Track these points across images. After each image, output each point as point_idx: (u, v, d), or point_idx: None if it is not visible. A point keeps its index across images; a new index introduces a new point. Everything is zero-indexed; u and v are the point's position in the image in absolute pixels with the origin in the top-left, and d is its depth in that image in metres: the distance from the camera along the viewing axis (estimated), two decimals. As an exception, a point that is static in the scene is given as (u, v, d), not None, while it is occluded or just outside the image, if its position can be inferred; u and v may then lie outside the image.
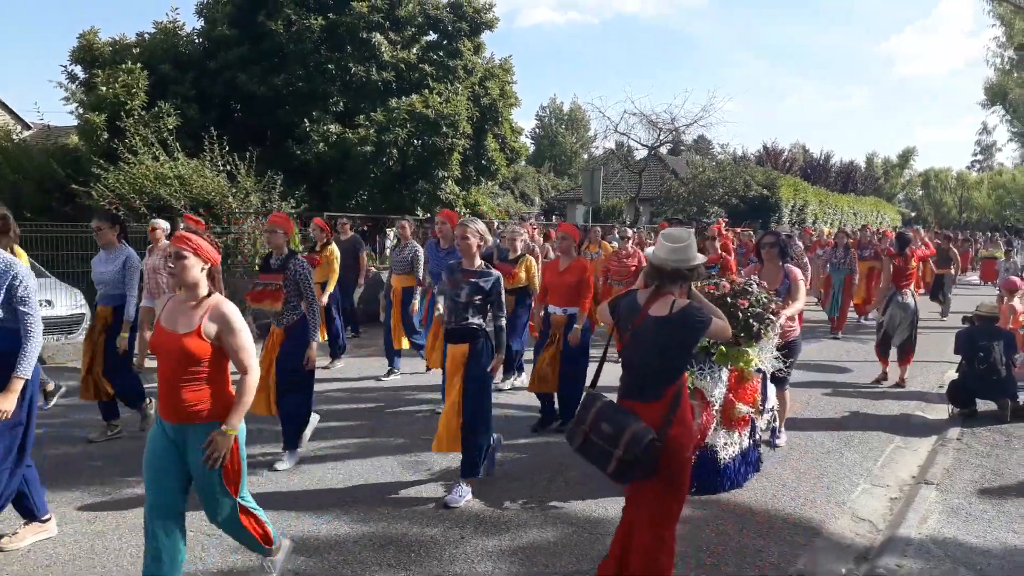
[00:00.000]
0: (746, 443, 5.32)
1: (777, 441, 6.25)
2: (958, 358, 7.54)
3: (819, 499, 5.16)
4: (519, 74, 50.28)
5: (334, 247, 9.27)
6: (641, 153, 29.16)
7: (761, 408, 5.50)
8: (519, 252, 7.64)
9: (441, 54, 20.34)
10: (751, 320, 5.14)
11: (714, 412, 5.10)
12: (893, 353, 8.87)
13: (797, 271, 6.06)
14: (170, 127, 15.85)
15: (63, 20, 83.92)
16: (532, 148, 56.68)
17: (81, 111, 17.12)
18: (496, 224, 16.11)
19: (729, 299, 5.20)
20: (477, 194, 21.74)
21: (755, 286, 5.34)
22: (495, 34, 21.91)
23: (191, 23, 34.46)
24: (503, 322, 4.93)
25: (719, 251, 9.60)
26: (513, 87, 21.77)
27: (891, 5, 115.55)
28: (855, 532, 4.70)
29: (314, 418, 5.86)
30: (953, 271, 15.87)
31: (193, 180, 13.01)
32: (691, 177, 29.37)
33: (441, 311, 6.10)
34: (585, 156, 56.86)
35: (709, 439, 5.09)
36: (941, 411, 7.55)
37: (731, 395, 5.18)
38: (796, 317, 6.01)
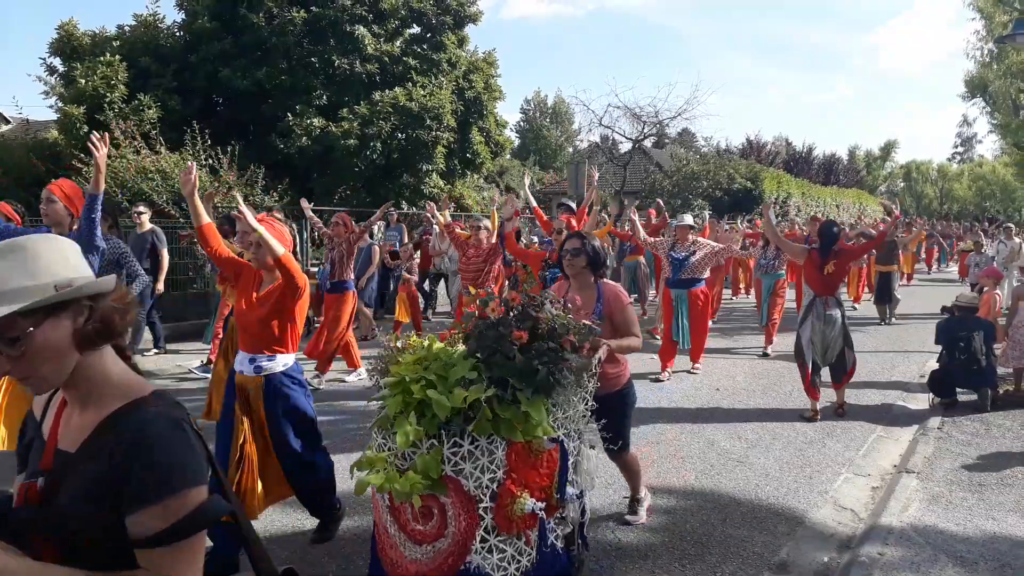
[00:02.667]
0: (534, 554, 3.21)
1: (634, 518, 4.55)
2: (939, 348, 7.62)
3: (802, 489, 5.20)
4: (503, 67, 50.16)
5: None
6: (625, 146, 29.23)
7: (560, 497, 3.34)
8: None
9: (425, 47, 20.24)
10: (536, 363, 3.17)
11: (480, 513, 3.06)
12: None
13: (616, 288, 4.18)
14: (151, 119, 15.70)
15: (42, 13, 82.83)
16: (517, 141, 56.60)
17: (60, 104, 16.92)
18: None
19: (501, 329, 3.21)
20: (462, 187, 21.71)
21: (547, 307, 3.36)
22: (479, 27, 21.81)
23: (171, 16, 34.08)
24: None
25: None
26: (497, 80, 21.71)
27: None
28: (837, 521, 4.74)
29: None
30: (897, 268, 13.62)
31: (175, 174, 12.93)
32: (675, 170, 29.44)
33: None
34: (570, 149, 56.84)
35: (473, 556, 3.06)
36: (922, 401, 7.63)
37: (510, 482, 3.12)
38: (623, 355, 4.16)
